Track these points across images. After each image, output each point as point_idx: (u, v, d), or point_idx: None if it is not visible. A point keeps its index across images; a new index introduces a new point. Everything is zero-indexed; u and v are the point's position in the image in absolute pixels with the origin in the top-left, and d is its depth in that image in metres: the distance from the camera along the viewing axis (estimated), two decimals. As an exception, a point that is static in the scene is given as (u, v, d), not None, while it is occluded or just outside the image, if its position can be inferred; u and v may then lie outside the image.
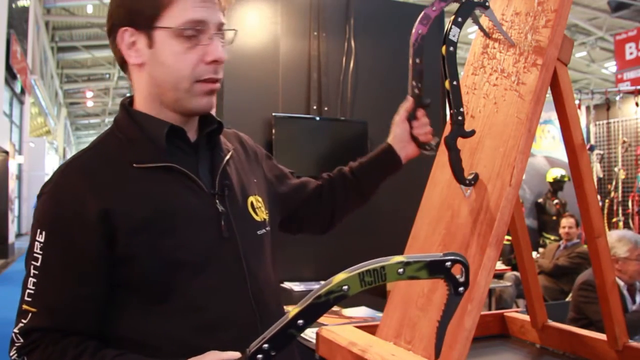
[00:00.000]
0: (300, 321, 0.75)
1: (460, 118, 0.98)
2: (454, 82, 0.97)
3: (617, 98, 6.38)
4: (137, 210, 0.95)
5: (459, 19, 0.98)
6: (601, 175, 6.48)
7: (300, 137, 2.84)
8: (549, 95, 1.04)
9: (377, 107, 2.83)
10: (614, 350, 1.10)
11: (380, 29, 3.10)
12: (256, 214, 1.11)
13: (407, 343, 1.00)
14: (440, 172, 1.12)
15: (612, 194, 6.31)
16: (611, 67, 14.77)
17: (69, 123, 24.52)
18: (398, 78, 3.01)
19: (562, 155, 6.89)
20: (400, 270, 0.75)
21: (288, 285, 2.79)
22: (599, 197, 2.87)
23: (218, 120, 1.10)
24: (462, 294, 0.77)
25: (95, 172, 0.98)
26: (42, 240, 0.94)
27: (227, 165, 1.09)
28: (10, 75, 9.05)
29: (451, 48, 0.97)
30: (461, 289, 0.77)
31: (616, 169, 6.35)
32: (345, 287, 0.74)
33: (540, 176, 7.23)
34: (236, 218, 1.05)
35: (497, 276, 5.03)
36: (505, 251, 5.54)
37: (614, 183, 6.33)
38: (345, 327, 1.13)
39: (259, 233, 1.10)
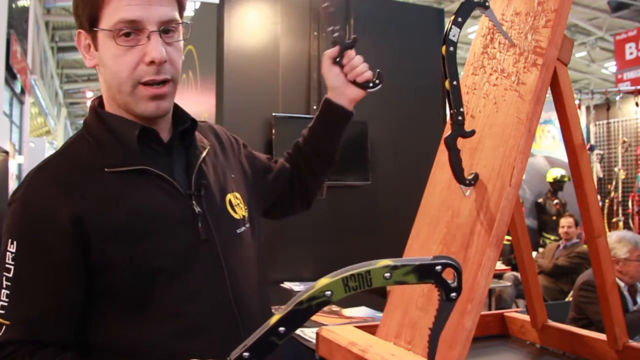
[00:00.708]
0: (282, 328, 0.71)
1: (460, 118, 0.98)
2: (454, 82, 0.97)
3: (617, 98, 6.39)
4: (111, 215, 0.92)
5: (459, 19, 0.98)
6: (601, 175, 6.49)
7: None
8: (549, 95, 1.04)
9: (377, 107, 2.83)
10: (614, 350, 1.10)
11: (380, 29, 3.10)
12: (235, 212, 1.08)
13: (407, 343, 1.00)
14: (440, 172, 1.11)
15: (612, 194, 6.32)
16: (611, 67, 14.75)
17: (69, 123, 24.47)
18: (398, 78, 3.02)
19: (562, 155, 6.89)
20: (387, 274, 0.71)
21: (288, 285, 2.79)
22: (599, 197, 2.87)
23: (192, 118, 1.07)
24: (455, 300, 0.73)
25: (66, 177, 0.94)
26: (13, 251, 0.91)
27: (203, 163, 1.06)
28: (10, 75, 9.04)
29: (451, 48, 0.97)
30: (453, 294, 0.72)
31: (616, 169, 6.35)
32: (328, 293, 0.70)
33: (540, 176, 7.23)
34: (214, 218, 1.02)
35: (496, 276, 5.04)
36: (505, 251, 5.55)
37: (614, 183, 6.34)
38: (345, 327, 1.13)
39: (238, 232, 1.07)
